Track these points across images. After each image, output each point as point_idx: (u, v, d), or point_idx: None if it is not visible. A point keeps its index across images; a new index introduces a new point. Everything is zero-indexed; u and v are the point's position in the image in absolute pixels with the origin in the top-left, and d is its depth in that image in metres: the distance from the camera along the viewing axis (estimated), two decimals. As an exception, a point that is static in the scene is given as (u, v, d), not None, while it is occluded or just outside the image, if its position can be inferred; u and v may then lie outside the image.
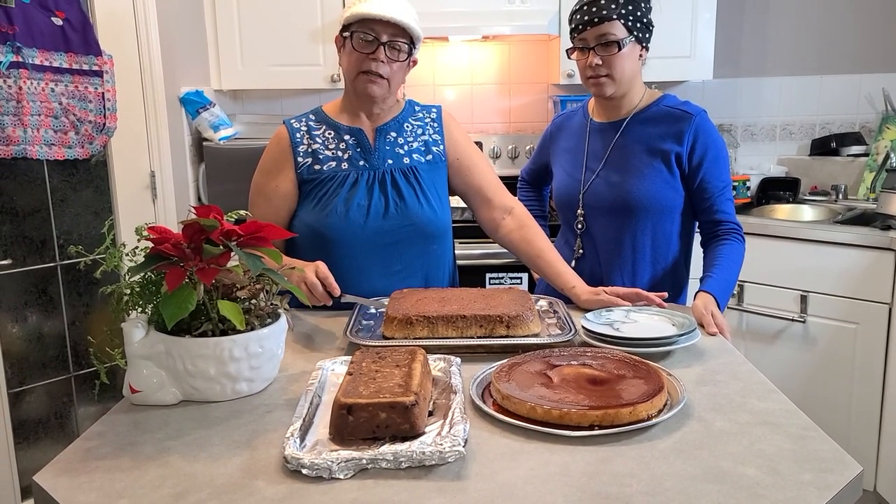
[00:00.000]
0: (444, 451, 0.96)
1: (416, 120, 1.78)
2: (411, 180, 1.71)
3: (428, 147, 1.76)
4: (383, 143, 1.72)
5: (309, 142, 1.72)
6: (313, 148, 1.71)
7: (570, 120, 1.93)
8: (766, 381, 1.25)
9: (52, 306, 2.35)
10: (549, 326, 1.49)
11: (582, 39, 1.70)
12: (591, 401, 1.09)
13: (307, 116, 1.77)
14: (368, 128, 1.73)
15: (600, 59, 1.68)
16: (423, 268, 1.74)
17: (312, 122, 1.75)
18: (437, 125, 1.79)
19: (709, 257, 1.75)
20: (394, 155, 1.72)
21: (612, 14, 1.66)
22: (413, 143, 1.75)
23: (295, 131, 1.73)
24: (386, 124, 1.74)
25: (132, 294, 1.22)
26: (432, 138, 1.77)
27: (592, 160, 1.82)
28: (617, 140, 1.79)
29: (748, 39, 3.31)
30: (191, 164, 2.90)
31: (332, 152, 1.71)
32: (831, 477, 0.94)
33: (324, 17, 2.97)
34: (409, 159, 1.73)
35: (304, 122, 1.75)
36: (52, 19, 2.17)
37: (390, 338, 1.41)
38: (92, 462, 1.02)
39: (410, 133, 1.76)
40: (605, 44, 1.68)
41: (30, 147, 2.14)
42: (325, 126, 1.74)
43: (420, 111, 1.80)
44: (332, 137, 1.72)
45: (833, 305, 2.55)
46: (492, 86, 3.41)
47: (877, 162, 3.06)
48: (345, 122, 1.74)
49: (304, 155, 1.71)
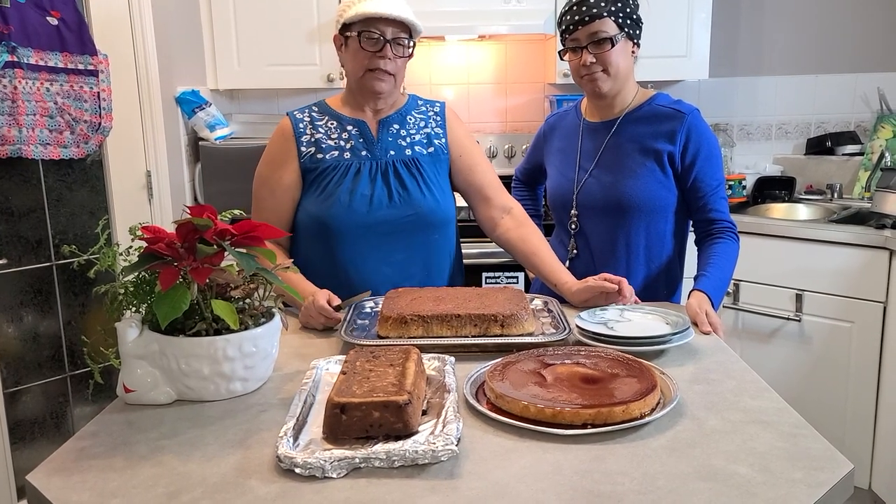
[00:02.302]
0: (437, 450, 0.96)
1: (418, 113, 1.79)
2: (413, 171, 1.72)
3: (430, 140, 1.77)
4: (386, 135, 1.73)
5: (312, 132, 1.73)
6: (316, 137, 1.72)
7: (563, 120, 1.93)
8: (758, 380, 1.25)
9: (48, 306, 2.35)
10: (543, 325, 1.50)
11: (574, 39, 1.71)
12: (585, 399, 1.09)
13: (310, 108, 1.78)
14: (371, 120, 1.75)
15: (594, 57, 1.69)
16: (425, 257, 1.74)
17: (315, 113, 1.76)
18: (440, 119, 1.80)
19: (703, 256, 1.75)
20: (396, 146, 1.73)
21: (602, 12, 1.66)
22: (415, 136, 1.76)
23: (298, 122, 1.75)
24: (389, 116, 1.75)
25: (126, 294, 1.22)
26: (434, 132, 1.78)
27: (585, 160, 1.82)
28: (609, 140, 1.79)
29: (744, 39, 3.32)
30: (187, 163, 2.90)
31: (334, 142, 1.72)
32: (822, 475, 0.94)
33: (320, 16, 2.97)
34: (412, 151, 1.74)
35: (306, 113, 1.77)
36: (48, 19, 2.17)
37: (385, 337, 1.41)
38: (85, 462, 1.02)
39: (413, 126, 1.77)
40: (597, 42, 1.68)
41: (25, 147, 2.14)
42: (327, 116, 1.75)
43: (423, 105, 1.82)
44: (335, 128, 1.74)
45: (828, 304, 2.56)
46: (488, 85, 3.41)
47: (872, 161, 3.07)
48: (347, 114, 1.75)
49: (307, 144, 1.72)
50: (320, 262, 1.71)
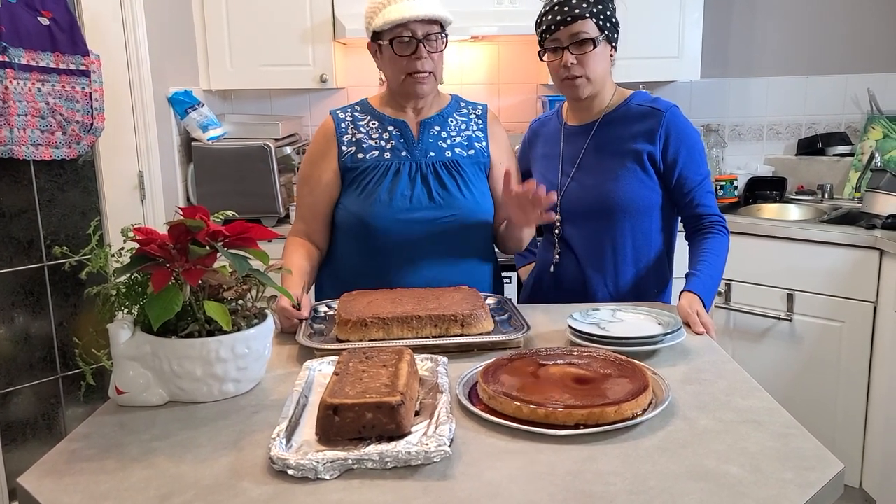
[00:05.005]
0: (430, 451, 0.96)
1: (460, 115, 1.80)
2: (453, 172, 1.72)
3: (471, 142, 1.77)
4: (427, 136, 1.74)
5: (353, 131, 1.74)
6: (357, 137, 1.73)
7: (546, 126, 1.93)
8: (750, 380, 1.26)
9: (40, 307, 2.34)
10: (500, 324, 1.50)
11: (555, 40, 1.70)
12: (577, 400, 1.09)
13: (352, 107, 1.80)
14: (413, 121, 1.75)
15: (574, 58, 1.69)
16: (464, 258, 1.74)
17: (357, 113, 1.77)
18: (482, 122, 1.80)
19: (693, 253, 1.75)
20: (436, 148, 1.73)
21: (584, 13, 1.66)
22: (456, 138, 1.76)
23: (340, 121, 1.76)
24: (430, 118, 1.76)
25: (118, 295, 1.22)
26: (475, 134, 1.78)
27: (567, 164, 1.81)
28: (589, 143, 1.79)
29: (735, 40, 3.33)
30: (179, 164, 2.89)
31: (375, 142, 1.73)
32: (813, 475, 0.95)
33: (313, 17, 2.96)
34: (452, 153, 1.74)
35: (349, 113, 1.78)
36: (39, 19, 2.16)
37: (345, 340, 1.40)
38: (77, 464, 1.01)
39: (454, 128, 1.77)
40: (578, 43, 1.68)
41: (16, 147, 2.13)
42: (369, 116, 1.76)
43: (465, 107, 1.82)
44: (377, 127, 1.75)
45: (819, 304, 2.57)
46: (481, 86, 3.42)
47: (862, 162, 3.09)
48: (389, 114, 1.76)
49: (349, 144, 1.73)
50: (360, 261, 1.73)
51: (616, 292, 1.79)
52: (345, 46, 3.24)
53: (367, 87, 3.24)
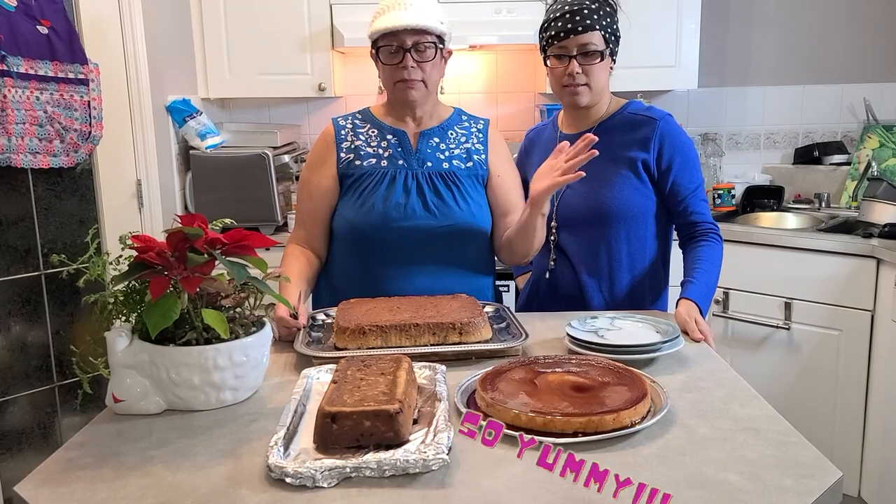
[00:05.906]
0: (428, 459, 0.96)
1: (461, 128, 1.80)
2: (450, 183, 1.72)
3: (469, 155, 1.77)
4: (425, 147, 1.74)
5: (352, 138, 1.76)
6: (356, 144, 1.75)
7: (542, 134, 1.94)
8: (748, 388, 1.26)
9: (37, 316, 2.33)
10: (498, 332, 1.50)
11: (562, 47, 1.71)
12: (575, 408, 1.09)
13: (354, 115, 1.81)
14: (412, 131, 1.76)
15: (580, 67, 1.70)
16: (460, 269, 1.74)
17: (358, 120, 1.79)
18: (482, 136, 1.80)
19: (688, 260, 1.76)
20: (434, 159, 1.74)
21: (594, 25, 1.68)
22: (455, 150, 1.76)
23: (340, 128, 1.78)
24: (430, 129, 1.76)
25: (116, 303, 1.21)
26: (475, 147, 1.78)
27: None
28: None
29: (732, 49, 3.35)
30: (177, 172, 2.89)
31: (373, 150, 1.74)
32: (811, 482, 0.95)
33: (311, 26, 2.98)
34: (449, 164, 1.74)
35: (349, 120, 1.79)
36: (38, 27, 2.16)
37: (343, 348, 1.40)
38: (73, 472, 1.01)
39: (454, 140, 1.77)
40: (586, 53, 1.70)
41: (14, 155, 2.13)
42: (369, 125, 1.78)
43: (467, 120, 1.82)
44: (376, 136, 1.76)
45: (817, 312, 2.58)
46: (479, 95, 3.43)
47: (858, 171, 3.10)
48: (390, 123, 1.77)
49: (347, 151, 1.74)
50: (355, 269, 1.73)
51: (611, 298, 1.80)
52: (343, 55, 3.25)
53: (365, 95, 3.25)
